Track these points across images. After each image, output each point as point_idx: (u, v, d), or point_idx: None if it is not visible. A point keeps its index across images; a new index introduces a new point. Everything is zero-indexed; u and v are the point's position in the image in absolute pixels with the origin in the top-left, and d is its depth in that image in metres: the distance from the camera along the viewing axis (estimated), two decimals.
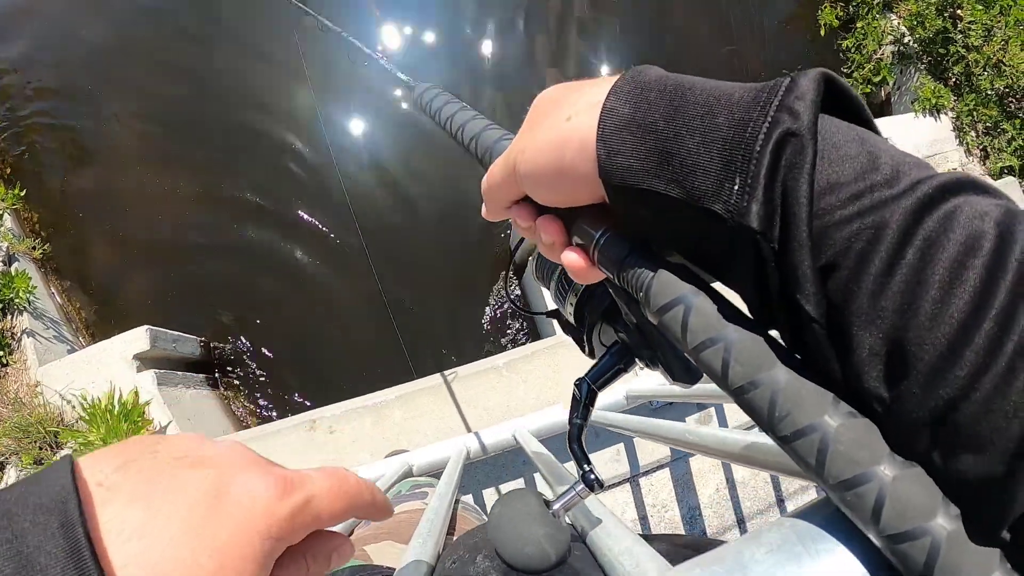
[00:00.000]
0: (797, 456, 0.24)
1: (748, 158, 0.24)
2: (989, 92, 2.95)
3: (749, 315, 0.27)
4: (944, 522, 0.21)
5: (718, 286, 0.30)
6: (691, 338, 0.27)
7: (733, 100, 0.25)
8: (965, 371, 0.20)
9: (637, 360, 0.41)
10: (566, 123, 0.30)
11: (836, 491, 0.23)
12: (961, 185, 0.22)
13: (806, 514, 0.26)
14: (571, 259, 0.34)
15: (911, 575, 0.21)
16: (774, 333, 0.27)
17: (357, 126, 3.02)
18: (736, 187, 0.24)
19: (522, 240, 0.58)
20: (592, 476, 0.40)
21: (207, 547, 0.22)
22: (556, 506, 0.40)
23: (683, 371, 0.37)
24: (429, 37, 3.12)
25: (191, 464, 0.24)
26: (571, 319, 0.47)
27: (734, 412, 1.74)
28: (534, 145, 0.32)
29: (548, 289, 0.53)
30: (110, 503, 0.21)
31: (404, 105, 2.96)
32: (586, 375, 0.43)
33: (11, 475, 2.33)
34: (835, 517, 0.25)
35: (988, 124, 3.01)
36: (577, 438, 0.42)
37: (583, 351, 0.47)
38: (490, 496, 1.66)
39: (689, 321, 0.27)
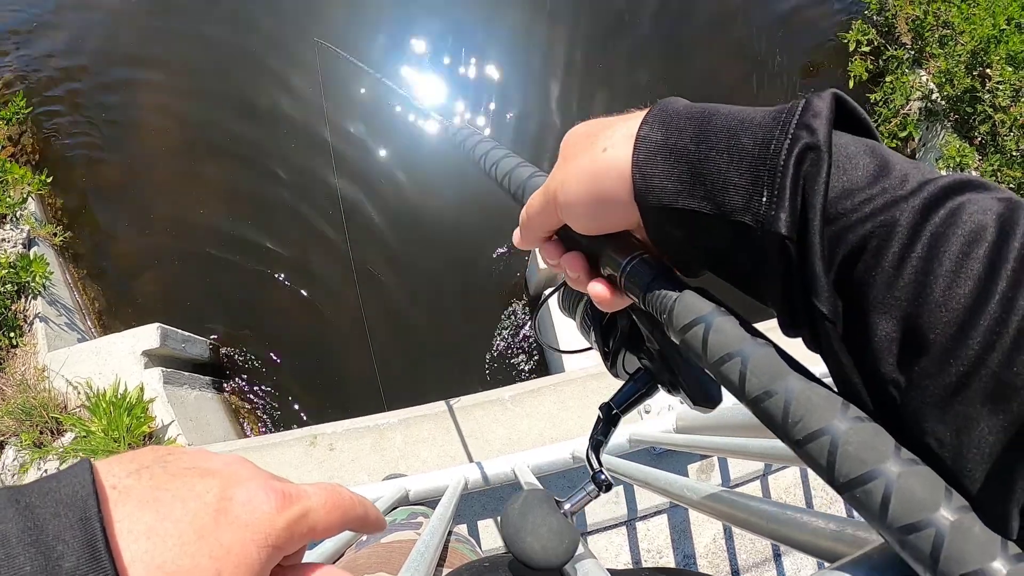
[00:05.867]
0: (810, 459, 0.25)
1: (774, 172, 0.26)
2: (1015, 153, 2.94)
3: (763, 332, 0.29)
4: (948, 513, 0.22)
5: None
6: (711, 354, 0.29)
7: (755, 121, 0.28)
8: (975, 349, 0.22)
9: (659, 385, 0.43)
10: (603, 154, 0.32)
11: (846, 489, 0.24)
12: (964, 184, 0.25)
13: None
14: (597, 289, 0.37)
15: (920, 566, 0.22)
16: (797, 341, 0.30)
17: (375, 151, 3.06)
18: (764, 199, 0.26)
19: (547, 297, 0.61)
20: (602, 476, 0.43)
21: (208, 551, 0.23)
22: (567, 506, 0.41)
23: (702, 396, 0.39)
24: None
25: (199, 474, 0.26)
26: (597, 347, 0.50)
27: (736, 463, 1.72)
28: (573, 176, 0.34)
29: (574, 320, 0.56)
30: (123, 504, 0.23)
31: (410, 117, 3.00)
32: (611, 399, 0.46)
33: (9, 455, 2.34)
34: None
35: (1012, 186, 2.99)
36: (595, 450, 0.46)
37: (610, 371, 0.51)
38: (485, 528, 1.65)
39: (709, 338, 0.29)
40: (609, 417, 0.45)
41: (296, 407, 2.77)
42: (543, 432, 1.73)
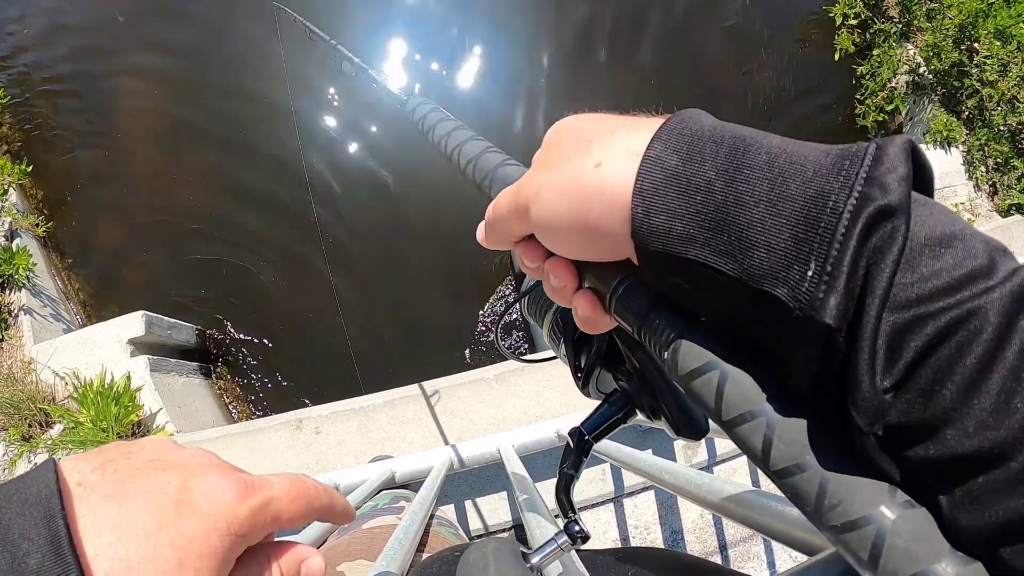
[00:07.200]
0: (847, 549, 0.22)
1: (829, 240, 0.20)
2: (1002, 128, 2.93)
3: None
4: None
5: None
6: (727, 410, 0.24)
7: (807, 165, 0.22)
8: None
9: (638, 411, 0.38)
10: (595, 169, 0.26)
11: None
12: None
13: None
14: (583, 307, 0.31)
15: None
16: None
17: (342, 129, 3.02)
18: (810, 273, 0.21)
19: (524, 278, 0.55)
20: (576, 527, 0.37)
21: (170, 541, 0.24)
22: (534, 560, 0.37)
23: (688, 426, 0.34)
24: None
25: (161, 467, 0.26)
26: (567, 362, 0.44)
27: (722, 443, 1.73)
28: (553, 189, 0.28)
29: (541, 328, 0.49)
30: (87, 500, 0.24)
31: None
32: (582, 424, 0.40)
33: None
34: None
35: (999, 160, 2.98)
36: (565, 488, 0.40)
37: (581, 390, 0.45)
38: (472, 508, 1.66)
39: (725, 390, 0.24)
40: (580, 445, 0.39)
41: (283, 390, 2.77)
42: (528, 410, 1.73)
